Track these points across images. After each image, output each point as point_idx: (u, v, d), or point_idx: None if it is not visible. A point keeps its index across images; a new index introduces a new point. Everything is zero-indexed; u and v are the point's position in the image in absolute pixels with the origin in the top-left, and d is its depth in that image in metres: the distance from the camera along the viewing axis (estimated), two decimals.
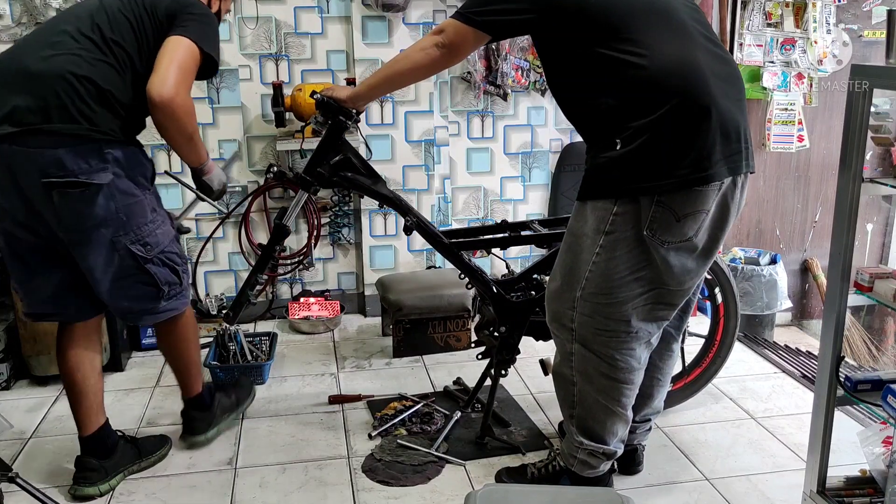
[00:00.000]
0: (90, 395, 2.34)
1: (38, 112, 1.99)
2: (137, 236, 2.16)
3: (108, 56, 2.08)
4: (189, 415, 2.60)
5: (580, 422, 2.14)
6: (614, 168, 1.89)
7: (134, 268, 2.18)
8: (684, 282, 1.98)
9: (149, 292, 2.25)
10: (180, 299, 2.34)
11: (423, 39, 2.07)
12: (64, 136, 2.00)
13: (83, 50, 2.06)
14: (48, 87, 2.00)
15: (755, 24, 3.67)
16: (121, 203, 2.10)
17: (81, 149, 2.02)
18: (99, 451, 2.37)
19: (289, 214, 2.50)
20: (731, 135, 1.87)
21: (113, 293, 2.20)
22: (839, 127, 2.06)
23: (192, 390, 2.57)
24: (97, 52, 2.07)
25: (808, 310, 4.21)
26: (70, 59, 2.03)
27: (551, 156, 3.89)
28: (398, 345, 3.32)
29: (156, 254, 2.21)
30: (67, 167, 2.00)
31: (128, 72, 2.11)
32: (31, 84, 2.01)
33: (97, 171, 2.04)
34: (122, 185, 2.10)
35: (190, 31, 2.13)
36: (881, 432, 1.94)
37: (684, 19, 1.91)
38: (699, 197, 1.86)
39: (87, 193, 2.04)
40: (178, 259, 2.30)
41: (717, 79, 1.86)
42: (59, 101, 2.00)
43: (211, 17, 2.25)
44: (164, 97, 2.03)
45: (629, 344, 2.03)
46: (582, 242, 1.99)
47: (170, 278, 2.27)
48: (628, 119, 1.85)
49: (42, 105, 1.99)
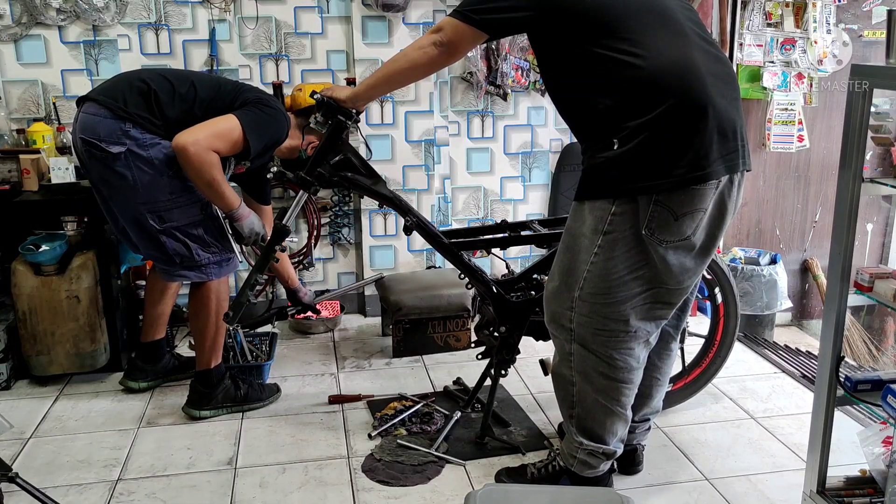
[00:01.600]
0: (155, 310, 2.95)
1: (104, 92, 2.53)
2: (153, 208, 2.51)
3: (178, 86, 2.54)
4: (192, 386, 2.81)
5: (580, 422, 2.14)
6: (612, 168, 1.89)
7: (148, 233, 2.55)
8: (683, 281, 1.99)
9: (161, 256, 2.62)
10: (195, 272, 2.64)
11: (421, 38, 2.07)
12: (102, 107, 2.46)
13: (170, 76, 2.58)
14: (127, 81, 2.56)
15: (755, 24, 3.67)
16: (137, 175, 2.47)
17: (108, 122, 2.46)
18: (148, 357, 2.99)
19: (289, 215, 2.52)
20: (728, 133, 1.87)
21: (138, 243, 2.66)
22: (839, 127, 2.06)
23: (200, 363, 2.77)
24: (174, 79, 2.56)
25: (808, 310, 4.20)
26: (151, 72, 2.61)
27: (551, 156, 3.89)
28: (398, 345, 3.32)
29: (170, 228, 2.55)
30: (93, 132, 2.45)
31: (184, 102, 2.52)
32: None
33: (113, 143, 2.44)
34: (139, 160, 2.46)
35: (245, 114, 2.50)
36: (881, 432, 1.94)
37: (680, 19, 1.92)
38: (697, 196, 1.86)
39: (106, 158, 2.45)
40: (199, 241, 2.60)
41: (714, 78, 1.87)
42: (121, 88, 2.52)
43: (273, 118, 2.58)
44: (179, 143, 2.38)
45: (628, 343, 2.03)
46: (580, 242, 1.99)
47: (181, 251, 2.59)
48: (625, 119, 1.85)
49: (114, 89, 2.53)
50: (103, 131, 2.45)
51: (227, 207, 2.55)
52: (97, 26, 3.33)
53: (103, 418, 2.79)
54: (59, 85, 3.37)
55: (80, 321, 2.94)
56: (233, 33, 3.44)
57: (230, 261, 2.70)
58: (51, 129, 3.21)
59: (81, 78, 3.37)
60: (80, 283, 2.91)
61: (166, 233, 2.55)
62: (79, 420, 2.78)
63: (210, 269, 2.66)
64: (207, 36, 3.41)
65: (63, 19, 3.29)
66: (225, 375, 2.81)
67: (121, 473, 2.44)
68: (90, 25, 3.32)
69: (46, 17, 3.26)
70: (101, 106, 2.48)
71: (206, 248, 2.63)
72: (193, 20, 3.39)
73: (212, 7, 3.39)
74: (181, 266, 2.63)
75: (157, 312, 2.96)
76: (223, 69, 3.44)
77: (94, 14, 3.28)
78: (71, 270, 2.90)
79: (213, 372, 2.76)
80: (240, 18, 3.44)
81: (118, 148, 2.44)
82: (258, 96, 2.62)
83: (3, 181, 3.05)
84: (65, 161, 3.03)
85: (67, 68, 3.36)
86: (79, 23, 3.31)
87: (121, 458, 2.52)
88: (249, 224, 2.62)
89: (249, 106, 2.55)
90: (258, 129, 2.52)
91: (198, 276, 2.66)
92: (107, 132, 2.44)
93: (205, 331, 2.71)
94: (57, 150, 3.22)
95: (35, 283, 2.87)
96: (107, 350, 3.05)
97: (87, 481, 2.39)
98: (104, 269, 3.00)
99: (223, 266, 2.69)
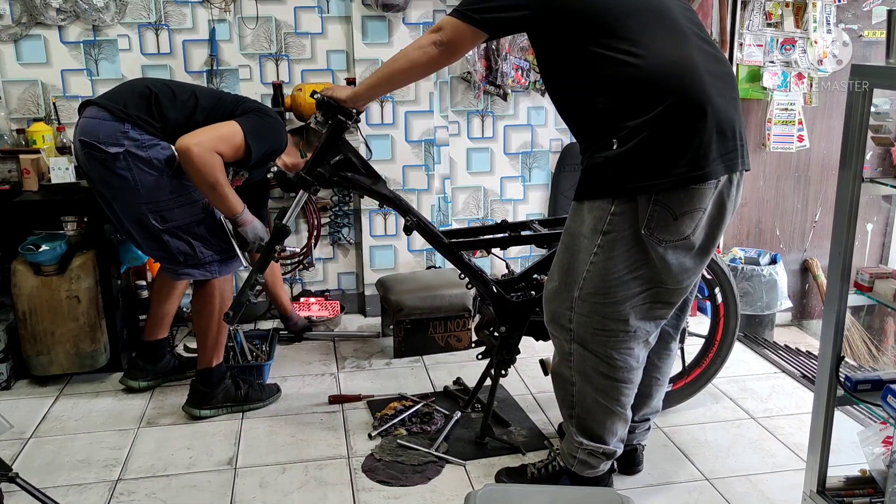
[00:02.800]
0: (161, 309, 2.96)
1: (106, 96, 2.59)
2: (154, 208, 2.53)
3: (179, 94, 2.58)
4: (193, 386, 2.81)
5: (579, 422, 2.14)
6: (611, 168, 1.89)
7: (151, 233, 2.58)
8: (682, 280, 1.99)
9: (165, 255, 2.65)
10: (200, 270, 2.66)
11: (422, 38, 2.07)
12: (102, 110, 2.50)
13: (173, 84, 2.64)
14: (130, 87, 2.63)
15: (755, 24, 3.67)
16: (138, 176, 2.48)
17: (107, 123, 2.48)
18: (149, 356, 2.99)
19: (289, 215, 2.52)
20: (727, 133, 1.87)
21: (142, 243, 2.70)
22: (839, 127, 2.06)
23: (201, 361, 2.77)
24: (177, 87, 2.62)
25: (808, 310, 4.20)
26: (156, 80, 2.71)
27: (551, 156, 3.89)
28: (399, 345, 3.31)
29: (172, 227, 2.56)
30: (93, 134, 2.47)
31: (185, 108, 2.55)
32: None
33: (112, 144, 2.46)
34: (138, 161, 2.47)
35: (246, 121, 2.53)
36: (881, 432, 1.94)
37: (679, 19, 1.92)
38: (696, 195, 1.86)
39: (105, 159, 2.47)
40: (201, 238, 2.61)
41: (713, 77, 1.87)
42: (123, 92, 2.58)
43: (273, 127, 2.62)
44: (183, 144, 2.40)
45: (628, 343, 2.03)
46: (579, 242, 2.00)
47: (185, 250, 2.61)
48: (624, 118, 1.85)
49: (116, 94, 2.59)
50: (102, 133, 2.47)
51: (230, 211, 2.55)
52: (97, 26, 3.32)
53: (103, 418, 2.79)
54: (59, 85, 3.37)
55: (80, 321, 2.94)
56: (233, 33, 3.44)
57: (234, 259, 2.70)
58: (51, 129, 3.21)
59: (81, 78, 3.37)
60: (80, 283, 2.91)
61: (169, 232, 2.57)
62: (79, 420, 2.78)
63: (213, 267, 2.68)
64: (207, 36, 3.41)
65: (63, 19, 3.28)
66: (225, 375, 2.81)
67: (121, 473, 2.44)
68: (90, 25, 3.32)
69: (46, 17, 3.26)
70: (101, 108, 2.51)
71: (209, 246, 2.64)
72: (193, 20, 3.39)
73: (212, 7, 3.39)
74: (185, 264, 2.64)
75: (163, 312, 2.98)
76: (223, 69, 3.44)
77: (94, 14, 3.28)
78: (71, 270, 2.90)
79: (214, 371, 2.76)
80: (240, 18, 3.44)
81: (116, 149, 2.45)
82: (258, 106, 2.67)
83: (3, 181, 3.05)
84: (65, 161, 3.03)
85: (67, 68, 3.36)
86: (79, 23, 3.31)
87: (121, 458, 2.52)
88: (253, 230, 2.62)
89: (250, 114, 2.58)
90: (259, 135, 2.54)
91: (202, 273, 2.67)
92: (106, 134, 2.46)
93: (208, 329, 2.72)
94: (57, 150, 3.22)
95: (35, 283, 2.88)
96: (107, 350, 3.05)
97: (87, 481, 2.39)
98: (104, 269, 3.00)
99: (227, 264, 2.70)
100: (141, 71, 3.38)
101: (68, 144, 3.29)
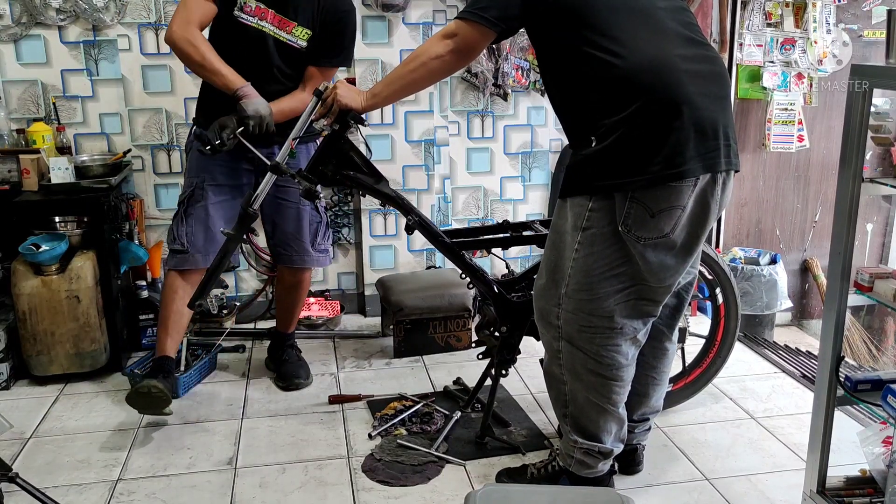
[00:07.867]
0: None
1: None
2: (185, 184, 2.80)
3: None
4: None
5: (574, 420, 2.15)
6: (589, 165, 1.92)
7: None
8: (664, 279, 1.98)
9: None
10: (171, 256, 2.76)
11: (436, 45, 2.06)
12: None
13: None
14: None
15: (755, 24, 3.67)
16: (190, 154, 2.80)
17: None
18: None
19: (254, 198, 2.41)
20: (708, 132, 1.87)
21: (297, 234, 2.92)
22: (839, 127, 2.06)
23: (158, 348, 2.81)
24: None
25: (808, 310, 4.21)
26: None
27: (551, 156, 3.89)
28: (399, 345, 3.31)
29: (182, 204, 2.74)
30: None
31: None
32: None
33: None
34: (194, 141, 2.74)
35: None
36: (881, 432, 1.94)
37: (662, 17, 1.93)
38: (673, 193, 1.87)
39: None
40: (182, 221, 2.73)
41: (695, 77, 1.87)
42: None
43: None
44: (166, 37, 2.54)
45: (614, 340, 2.03)
46: (564, 239, 2.02)
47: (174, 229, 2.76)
48: (602, 116, 1.87)
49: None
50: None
51: (227, 87, 2.51)
52: (97, 26, 3.32)
53: (103, 418, 2.79)
54: (58, 85, 3.37)
55: (80, 321, 2.94)
56: None
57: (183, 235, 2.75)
58: (50, 129, 3.21)
59: (81, 78, 3.37)
60: (80, 283, 2.91)
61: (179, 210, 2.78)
62: (79, 420, 2.78)
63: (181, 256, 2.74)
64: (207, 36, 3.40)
65: (63, 19, 3.28)
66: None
67: (121, 473, 2.44)
68: (90, 25, 3.32)
69: (46, 17, 3.26)
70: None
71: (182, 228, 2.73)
72: None
73: None
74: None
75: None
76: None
77: (94, 14, 3.28)
78: (71, 270, 2.90)
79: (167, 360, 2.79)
80: None
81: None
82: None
83: (3, 181, 3.04)
84: (65, 161, 3.02)
85: (67, 68, 3.35)
86: (79, 23, 3.31)
87: (121, 458, 2.52)
88: (254, 105, 2.50)
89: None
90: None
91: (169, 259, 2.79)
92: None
93: (163, 317, 2.79)
94: (57, 150, 3.22)
95: (35, 283, 2.88)
96: (107, 350, 3.05)
97: (87, 481, 2.39)
98: (104, 269, 3.01)
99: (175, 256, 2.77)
100: (141, 71, 3.38)
101: (68, 144, 3.30)
